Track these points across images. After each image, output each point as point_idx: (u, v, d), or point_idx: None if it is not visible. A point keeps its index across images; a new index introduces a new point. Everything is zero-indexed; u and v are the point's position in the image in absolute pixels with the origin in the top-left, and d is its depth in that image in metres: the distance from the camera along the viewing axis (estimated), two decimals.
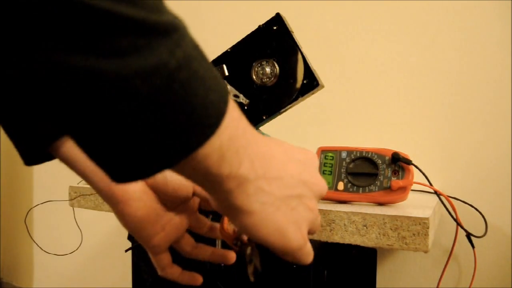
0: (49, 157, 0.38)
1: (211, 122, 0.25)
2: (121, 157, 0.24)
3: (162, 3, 0.24)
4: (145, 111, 0.23)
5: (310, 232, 0.37)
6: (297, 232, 0.33)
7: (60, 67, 0.21)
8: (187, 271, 0.46)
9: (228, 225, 0.43)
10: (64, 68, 0.21)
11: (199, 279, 0.46)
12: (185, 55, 0.24)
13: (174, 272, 0.45)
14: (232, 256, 0.47)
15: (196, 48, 0.25)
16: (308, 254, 0.35)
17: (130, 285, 0.89)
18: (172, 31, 0.23)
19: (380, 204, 0.65)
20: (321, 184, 0.36)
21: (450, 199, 0.68)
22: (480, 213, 0.85)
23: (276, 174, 0.32)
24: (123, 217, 0.40)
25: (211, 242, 0.48)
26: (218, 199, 0.31)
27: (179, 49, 0.24)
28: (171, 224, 0.43)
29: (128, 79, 0.22)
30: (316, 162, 0.37)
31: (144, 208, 0.40)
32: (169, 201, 0.43)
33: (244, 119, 0.29)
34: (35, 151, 0.36)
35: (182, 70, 0.23)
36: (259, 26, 0.65)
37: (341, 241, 0.57)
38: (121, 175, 0.25)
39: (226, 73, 0.66)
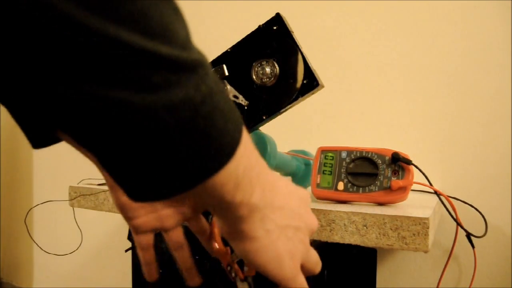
0: (57, 140, 0.38)
1: (227, 151, 0.27)
2: (142, 180, 0.26)
3: (190, 39, 0.26)
4: (170, 140, 0.25)
5: (306, 269, 0.39)
6: (290, 261, 0.36)
7: (98, 98, 0.23)
8: (156, 264, 0.46)
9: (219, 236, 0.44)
10: (100, 99, 0.23)
11: (154, 275, 0.46)
12: (208, 89, 0.26)
13: (145, 256, 0.46)
14: (197, 281, 0.47)
15: (217, 82, 0.27)
16: (301, 285, 0.37)
17: (130, 285, 0.89)
18: (199, 67, 0.25)
19: (380, 204, 0.65)
20: (314, 221, 0.39)
21: (450, 199, 0.68)
22: (480, 213, 0.85)
23: (280, 204, 0.35)
24: (113, 198, 0.42)
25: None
26: (227, 224, 0.34)
27: (204, 84, 0.25)
28: (158, 214, 0.43)
29: (158, 112, 0.24)
30: (309, 201, 0.40)
31: None
32: None
33: (255, 150, 0.32)
34: (42, 134, 0.37)
35: (206, 104, 0.25)
36: (259, 26, 0.65)
37: (341, 241, 0.57)
38: (140, 195, 0.27)
39: (226, 73, 0.66)
